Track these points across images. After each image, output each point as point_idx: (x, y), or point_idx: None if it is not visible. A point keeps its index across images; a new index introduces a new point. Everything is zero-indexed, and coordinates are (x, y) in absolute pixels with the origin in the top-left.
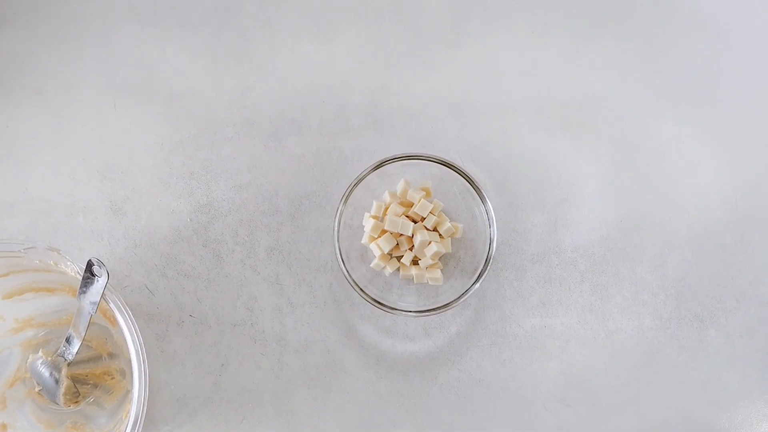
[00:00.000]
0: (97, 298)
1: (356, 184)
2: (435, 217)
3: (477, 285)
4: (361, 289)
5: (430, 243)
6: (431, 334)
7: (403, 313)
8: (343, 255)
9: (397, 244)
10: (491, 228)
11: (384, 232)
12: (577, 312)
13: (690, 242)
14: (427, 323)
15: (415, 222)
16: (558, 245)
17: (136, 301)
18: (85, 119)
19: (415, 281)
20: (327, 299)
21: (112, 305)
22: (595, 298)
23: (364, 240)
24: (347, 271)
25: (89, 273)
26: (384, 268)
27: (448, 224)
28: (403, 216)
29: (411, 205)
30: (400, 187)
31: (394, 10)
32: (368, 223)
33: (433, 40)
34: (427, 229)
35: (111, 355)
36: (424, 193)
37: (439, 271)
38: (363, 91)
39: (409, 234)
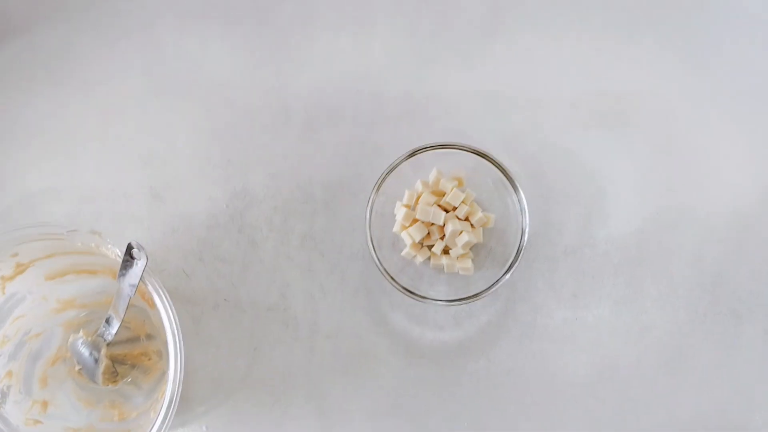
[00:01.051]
0: (136, 281)
1: (389, 173)
2: (467, 207)
3: (508, 275)
4: (392, 278)
5: (461, 233)
6: (461, 323)
7: (434, 302)
8: (374, 243)
9: (429, 233)
10: (524, 218)
11: (415, 221)
12: (610, 305)
13: (728, 237)
14: (457, 312)
15: (447, 211)
16: (592, 237)
17: (173, 284)
18: (128, 109)
19: (445, 270)
20: (358, 287)
21: (150, 288)
22: (629, 291)
23: (396, 228)
24: (378, 260)
25: (129, 256)
26: (415, 257)
27: (480, 214)
28: (435, 205)
29: (443, 194)
30: (432, 176)
31: (431, 3)
32: (400, 212)
33: (469, 34)
34: (459, 219)
35: (149, 337)
36: (457, 182)
37: (470, 260)
38: (398, 82)
39: (441, 223)
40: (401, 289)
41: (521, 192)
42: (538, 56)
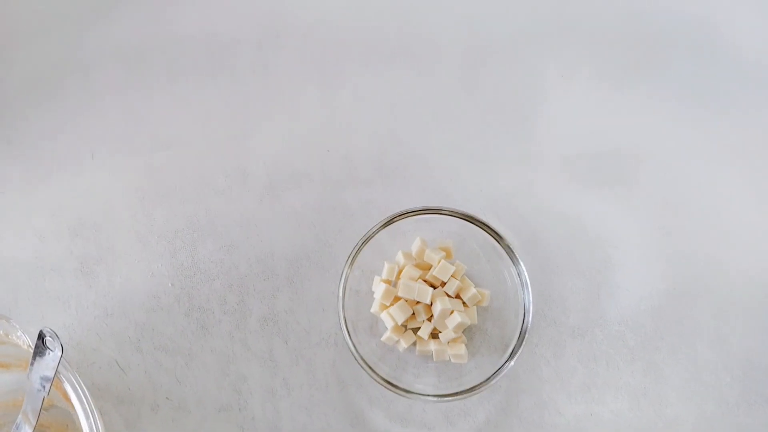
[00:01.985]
0: (50, 376)
1: (364, 243)
2: (458, 282)
3: (511, 363)
4: (370, 368)
5: (452, 312)
6: (455, 423)
7: (421, 397)
8: (349, 326)
9: (413, 313)
10: (525, 294)
11: (398, 299)
12: (629, 396)
13: (755, 312)
14: (449, 410)
15: (434, 287)
16: (602, 317)
17: (104, 380)
18: (58, 170)
19: (434, 359)
20: (329, 379)
21: (67, 386)
22: (648, 379)
23: (374, 308)
24: (354, 346)
25: (42, 346)
26: (398, 342)
27: (473, 290)
28: (420, 280)
29: (429, 267)
30: (415, 246)
31: (405, 53)
32: (379, 289)
33: (448, 85)
34: (449, 296)
35: None
36: (444, 253)
37: (463, 346)
38: (371, 139)
39: (428, 302)
40: (381, 382)
41: (521, 264)
42: (526, 109)
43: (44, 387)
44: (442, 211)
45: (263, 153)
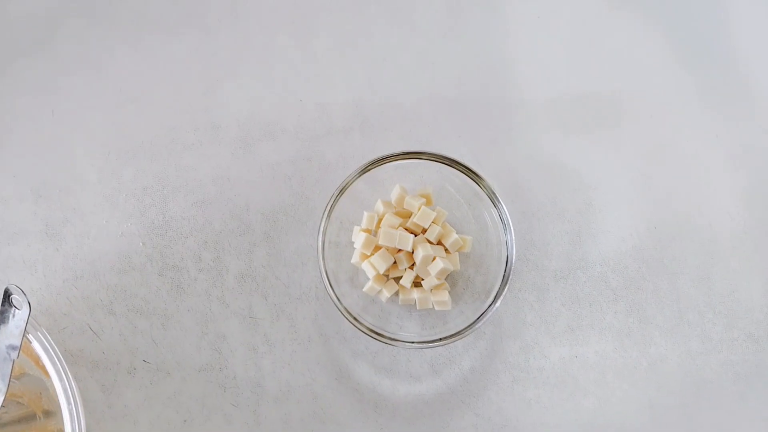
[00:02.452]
0: (18, 339)
1: (341, 193)
2: (439, 228)
3: (495, 307)
4: (354, 318)
5: (434, 259)
6: (440, 371)
7: (406, 344)
8: (330, 278)
9: (395, 262)
10: (508, 237)
11: (378, 248)
12: (613, 337)
13: (736, 250)
14: (434, 357)
15: (415, 235)
16: (584, 259)
17: (77, 345)
18: (18, 129)
19: (418, 307)
20: (312, 334)
21: (37, 346)
22: (632, 319)
23: (355, 259)
24: (337, 298)
25: (8, 305)
26: (380, 291)
27: (455, 236)
28: (401, 228)
29: (409, 215)
30: (394, 194)
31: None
32: (359, 239)
33: (427, 30)
34: (431, 243)
35: (47, 414)
36: (424, 200)
37: (446, 293)
38: (347, 87)
39: (409, 249)
40: (366, 331)
41: (502, 203)
42: (506, 54)
43: (13, 350)
44: (421, 156)
45: (234, 105)
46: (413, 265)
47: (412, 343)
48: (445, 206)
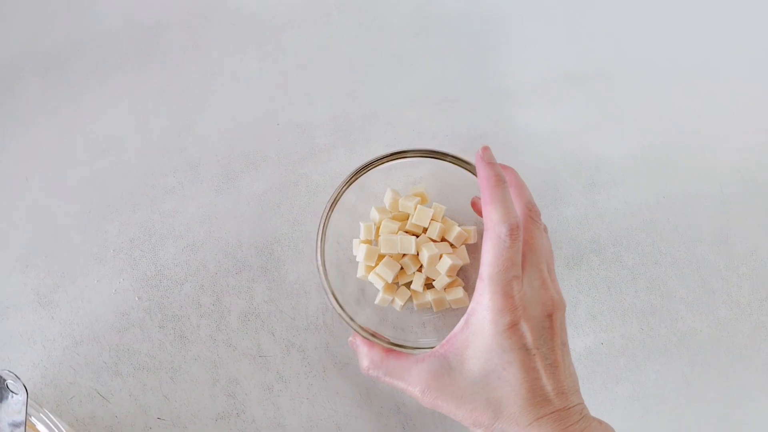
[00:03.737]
0: (21, 420)
1: (332, 209)
2: (440, 224)
3: None
4: (372, 335)
5: (441, 257)
6: None
7: (429, 351)
8: (338, 299)
9: (402, 268)
10: None
11: (382, 257)
12: (637, 318)
13: (751, 207)
14: None
15: (416, 236)
16: (595, 242)
17: (88, 413)
18: None
19: (435, 309)
20: (326, 363)
21: (41, 428)
22: (654, 296)
23: (360, 273)
24: (349, 317)
25: (6, 391)
26: (392, 301)
27: (457, 229)
28: (401, 232)
29: (406, 217)
30: (387, 198)
31: (344, 7)
32: (360, 251)
33: (398, 31)
34: (434, 241)
35: None
36: (419, 198)
37: (461, 289)
38: (324, 104)
39: (413, 252)
40: (388, 346)
41: None
42: (481, 43)
43: (17, 427)
44: (407, 154)
45: (210, 140)
46: (421, 267)
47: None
48: (442, 201)
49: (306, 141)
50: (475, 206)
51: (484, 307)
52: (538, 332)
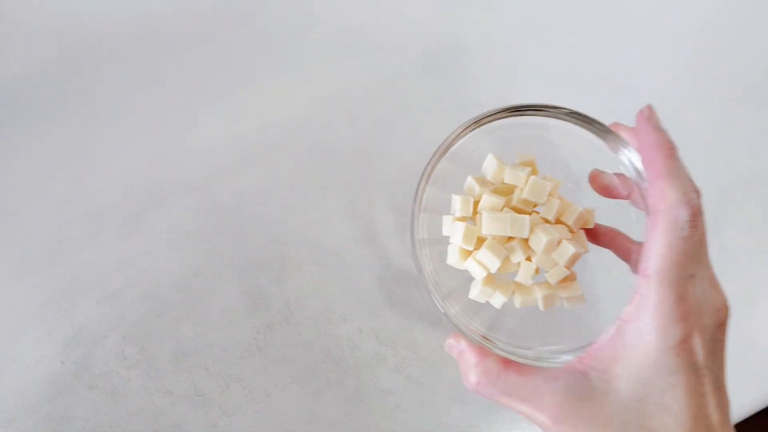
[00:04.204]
0: None
1: (426, 181)
2: (557, 201)
3: None
4: (485, 339)
5: (560, 242)
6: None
7: (556, 361)
8: (434, 290)
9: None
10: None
11: (482, 239)
12: None
13: None
14: None
15: (528, 215)
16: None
17: None
18: None
19: (542, 307)
20: (267, 387)
21: None
22: None
23: (452, 259)
24: (444, 311)
25: None
26: (491, 296)
27: (578, 209)
28: (506, 209)
29: (511, 191)
30: (489, 166)
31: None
32: (456, 231)
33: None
34: (548, 222)
35: None
36: (530, 169)
37: (578, 285)
38: (215, 126)
39: (526, 234)
40: (503, 353)
41: (630, 147)
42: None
43: None
44: (525, 109)
45: (106, 183)
46: (529, 256)
47: (567, 360)
48: (553, 174)
49: (207, 165)
50: (597, 181)
51: (648, 313)
52: (710, 347)
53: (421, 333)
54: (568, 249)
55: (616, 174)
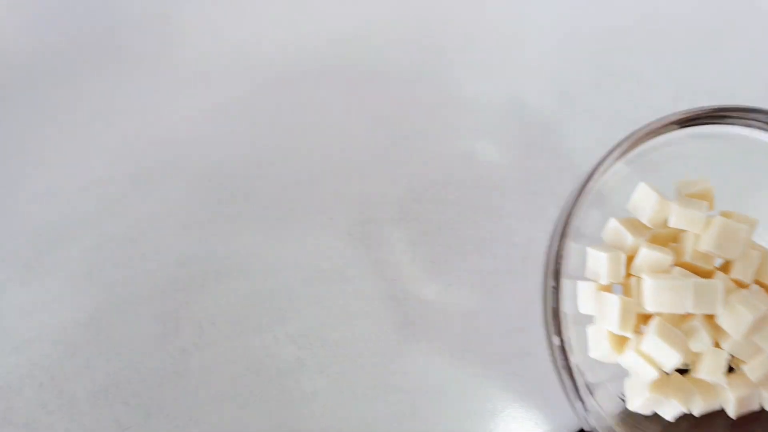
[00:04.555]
0: None
1: (564, 232)
2: (756, 254)
3: None
4: None
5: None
6: None
7: None
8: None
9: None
10: None
11: (646, 317)
12: None
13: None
14: None
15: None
16: None
17: None
18: None
19: (733, 413)
20: (191, 411)
21: None
22: None
23: (599, 350)
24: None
25: None
26: (661, 404)
27: None
28: (679, 269)
29: (677, 238)
30: (646, 199)
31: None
32: (604, 306)
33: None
34: (741, 286)
35: None
36: (707, 204)
37: None
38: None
39: (716, 311)
40: None
41: None
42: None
43: None
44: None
45: (8, 228)
46: (717, 341)
47: None
48: (732, 205)
49: (97, 197)
50: None
51: None
52: None
53: (335, 330)
54: None
55: None
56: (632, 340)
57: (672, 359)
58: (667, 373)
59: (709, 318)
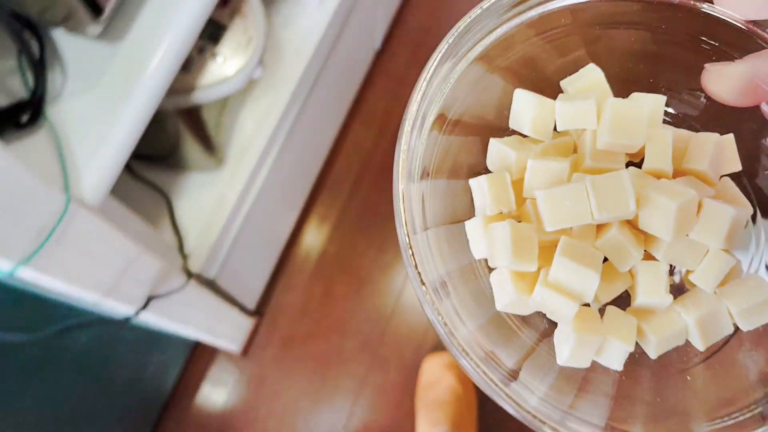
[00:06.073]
0: None
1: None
2: (667, 134)
3: None
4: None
5: (701, 205)
6: None
7: None
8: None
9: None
10: None
11: (548, 246)
12: None
13: None
14: None
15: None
16: None
17: None
18: None
19: (702, 347)
20: None
21: None
22: None
23: (504, 299)
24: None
25: None
26: (601, 349)
27: (712, 138)
28: (577, 175)
29: (572, 146)
30: (525, 109)
31: None
32: (496, 241)
33: None
34: (660, 177)
35: None
36: (595, 95)
37: (763, 280)
38: None
39: (630, 212)
40: None
41: None
42: None
43: None
44: None
45: None
46: (647, 251)
47: None
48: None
49: None
50: (722, 80)
51: None
52: None
53: None
54: (723, 212)
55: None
56: (541, 275)
57: (589, 282)
58: (588, 305)
59: (629, 225)
